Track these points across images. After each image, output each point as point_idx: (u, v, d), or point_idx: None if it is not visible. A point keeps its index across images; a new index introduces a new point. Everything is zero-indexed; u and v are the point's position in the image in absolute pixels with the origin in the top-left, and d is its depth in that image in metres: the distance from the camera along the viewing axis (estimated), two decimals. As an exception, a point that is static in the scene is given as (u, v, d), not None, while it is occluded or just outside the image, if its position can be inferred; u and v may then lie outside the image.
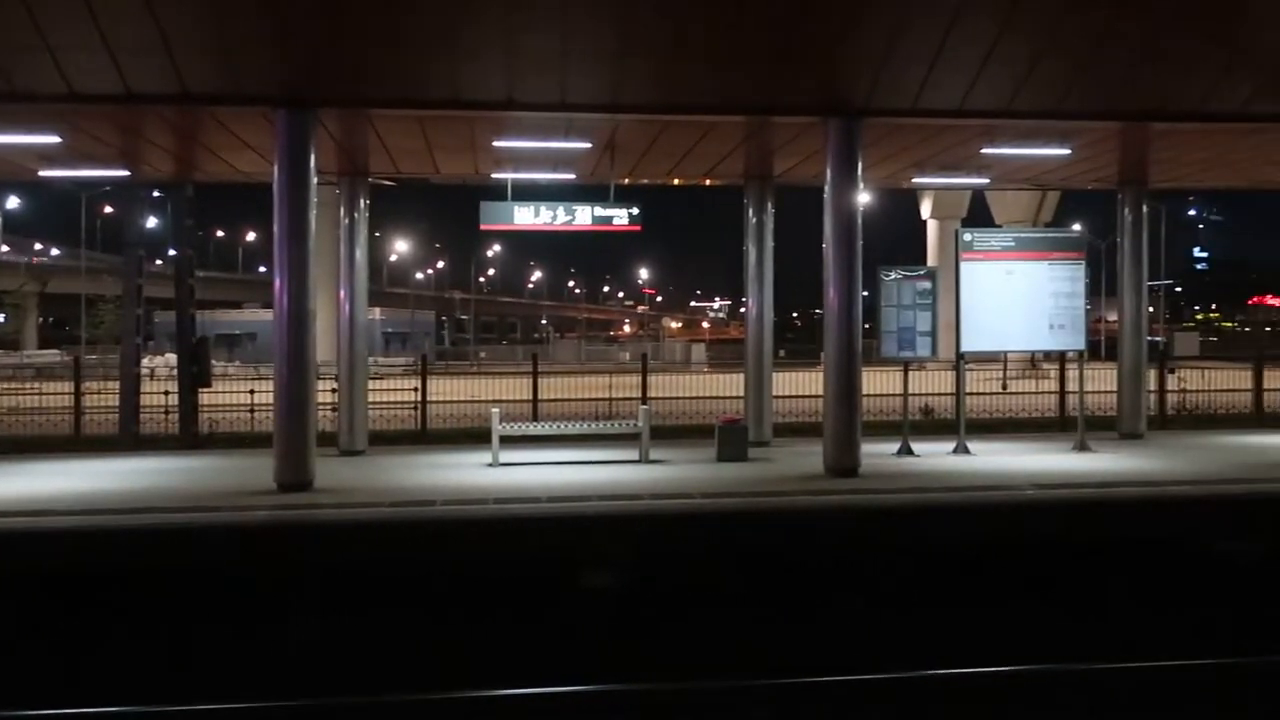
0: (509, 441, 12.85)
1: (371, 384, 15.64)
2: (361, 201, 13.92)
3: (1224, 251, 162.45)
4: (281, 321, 10.67)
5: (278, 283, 10.67)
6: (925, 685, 7.02)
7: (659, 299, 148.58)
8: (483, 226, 13.13)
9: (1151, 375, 17.12)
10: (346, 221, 13.82)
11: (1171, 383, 18.39)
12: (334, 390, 14.09)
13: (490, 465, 12.08)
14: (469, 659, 7.67)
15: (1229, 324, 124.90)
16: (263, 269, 75.71)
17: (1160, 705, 6.79)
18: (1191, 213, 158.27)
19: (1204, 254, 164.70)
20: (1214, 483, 10.51)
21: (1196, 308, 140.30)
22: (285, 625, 8.03)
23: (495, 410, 12.91)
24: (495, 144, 12.13)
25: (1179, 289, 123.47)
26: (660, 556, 8.99)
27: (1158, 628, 8.49)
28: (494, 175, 14.05)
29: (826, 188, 11.47)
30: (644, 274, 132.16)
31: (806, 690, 6.89)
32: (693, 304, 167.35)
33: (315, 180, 10.78)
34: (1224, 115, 11.51)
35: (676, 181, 15.53)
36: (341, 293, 13.74)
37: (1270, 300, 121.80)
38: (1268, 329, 76.12)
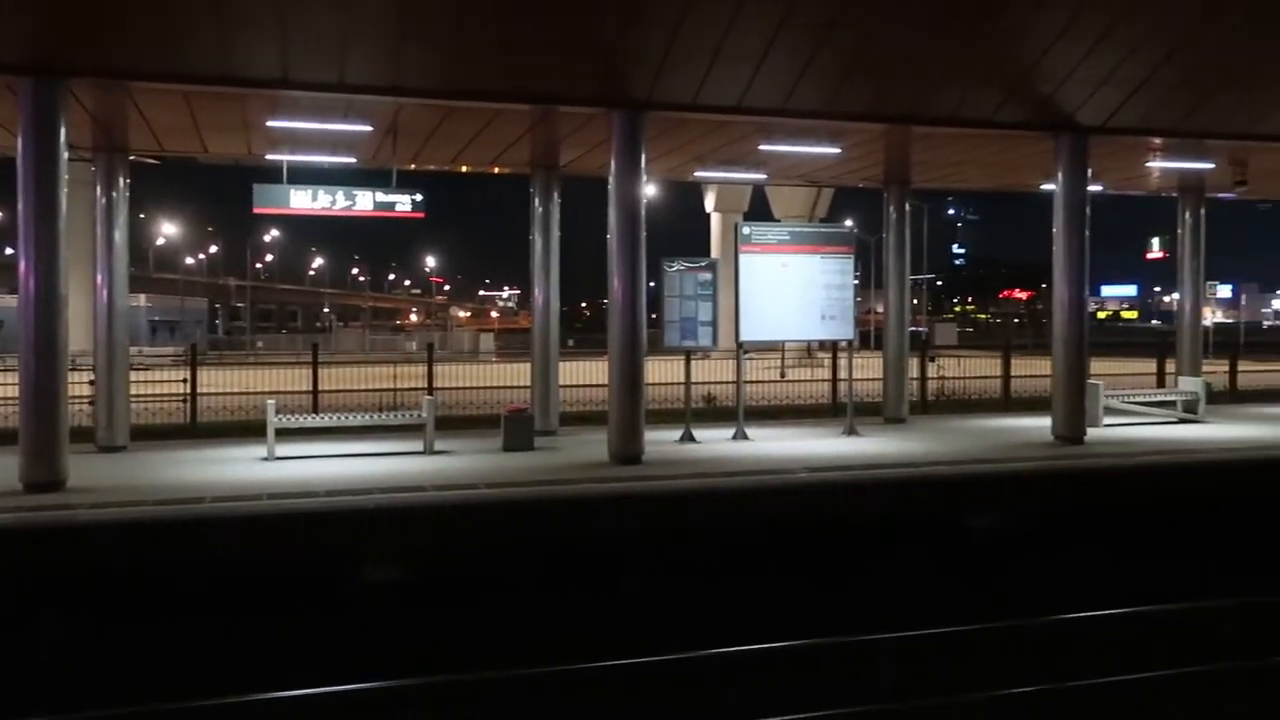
0: (286, 435, 12.35)
1: (136, 375, 14.67)
2: (121, 180, 13.01)
3: (979, 248, 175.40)
4: (28, 307, 9.85)
5: (23, 265, 9.85)
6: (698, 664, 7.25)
7: (447, 288, 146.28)
8: (256, 210, 12.57)
9: (914, 363, 18.25)
10: (104, 201, 12.88)
11: (932, 370, 19.66)
12: (91, 382, 13.13)
13: (265, 459, 11.58)
14: (223, 666, 7.33)
15: (983, 315, 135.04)
16: (10, 251, 69.60)
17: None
18: (951, 212, 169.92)
19: (961, 250, 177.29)
20: (966, 462, 11.32)
21: (955, 300, 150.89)
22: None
23: (270, 402, 12.38)
24: (269, 124, 11.61)
25: (940, 283, 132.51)
26: (442, 547, 8.88)
27: (899, 598, 9.09)
28: (269, 156, 13.45)
29: (611, 179, 11.60)
30: (431, 262, 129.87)
31: (580, 675, 7.00)
32: (482, 293, 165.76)
33: (66, 156, 10.00)
34: (976, 121, 12.41)
35: (464, 168, 15.33)
36: (99, 277, 12.81)
37: (1018, 294, 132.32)
38: (1015, 320, 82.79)
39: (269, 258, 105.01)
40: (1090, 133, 12.80)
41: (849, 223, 32.02)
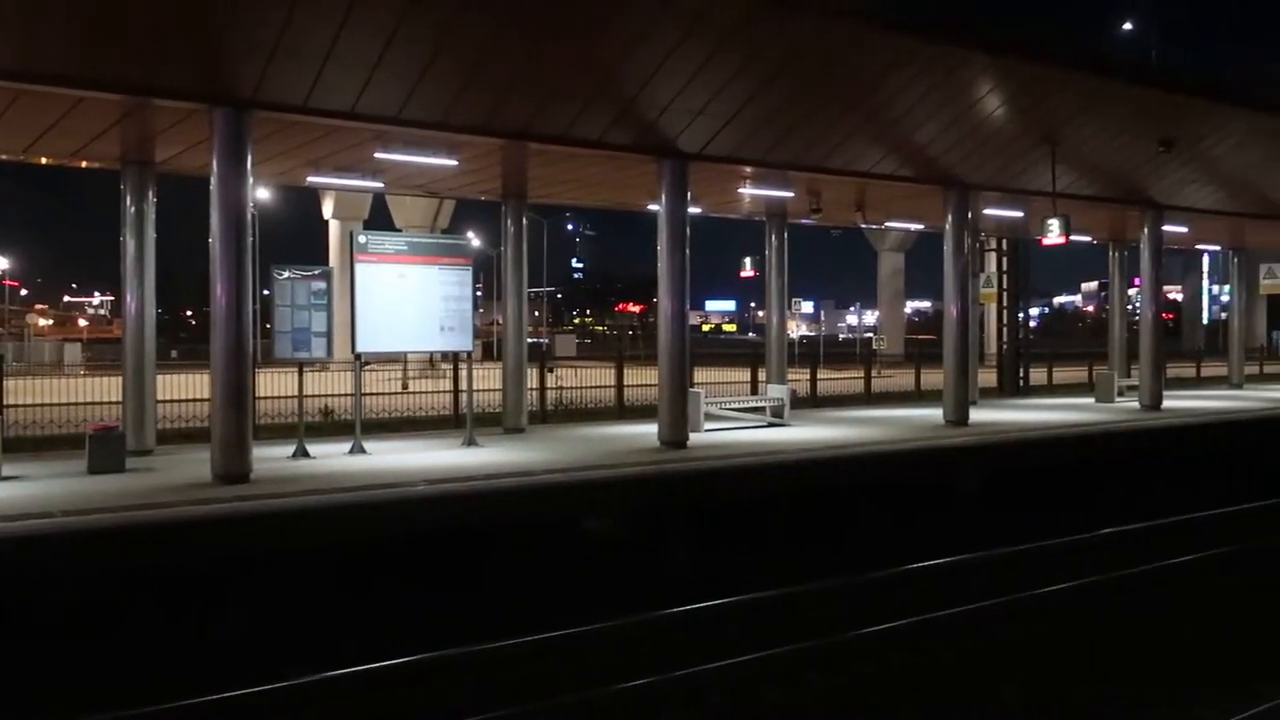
0: None
1: None
2: None
3: (597, 263, 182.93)
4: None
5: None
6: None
7: (23, 292, 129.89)
8: None
9: (533, 374, 18.70)
10: None
11: (550, 381, 20.24)
12: None
13: None
14: None
15: (601, 327, 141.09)
16: None
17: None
18: (570, 227, 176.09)
19: (580, 264, 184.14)
20: (581, 469, 11.73)
21: (574, 312, 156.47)
22: None
23: None
24: None
25: (559, 295, 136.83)
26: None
27: (520, 602, 9.31)
28: None
29: (213, 180, 10.87)
30: (2, 263, 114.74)
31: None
32: (68, 299, 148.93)
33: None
34: (587, 141, 12.95)
35: (44, 160, 13.70)
36: None
37: (632, 307, 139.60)
38: (630, 332, 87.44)
39: None
40: (690, 159, 13.77)
41: (470, 235, 32.28)
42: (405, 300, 13.46)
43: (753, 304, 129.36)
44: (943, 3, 13.92)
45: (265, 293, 11.68)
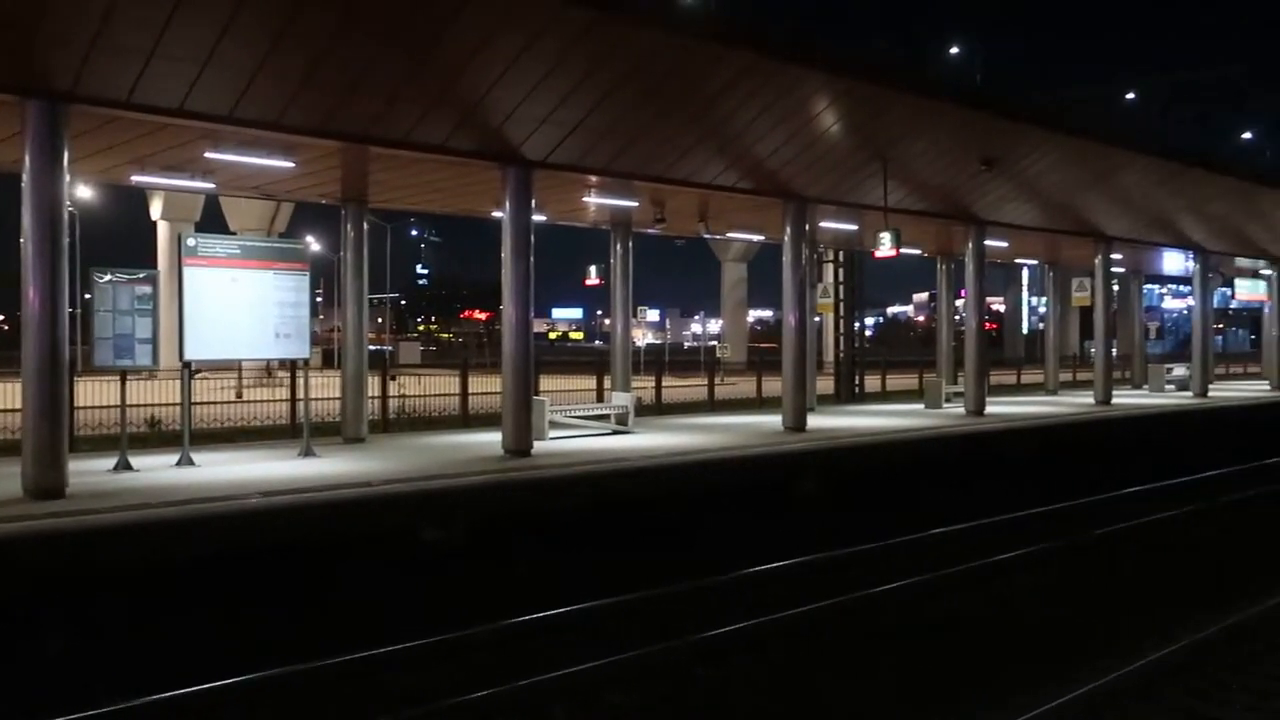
0: None
1: None
2: None
3: (442, 269, 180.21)
4: None
5: None
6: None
7: None
8: None
9: (375, 382, 18.30)
10: None
11: (393, 389, 19.84)
12: None
13: None
14: None
15: (446, 335, 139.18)
16: None
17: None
18: (414, 232, 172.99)
19: (425, 270, 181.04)
20: (423, 479, 11.54)
21: (420, 319, 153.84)
22: None
23: None
24: None
25: (404, 302, 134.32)
26: None
27: (357, 617, 9.11)
28: None
29: (25, 177, 10.24)
30: None
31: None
32: None
33: None
34: (429, 147, 12.77)
35: None
36: None
37: (478, 314, 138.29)
38: (476, 339, 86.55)
39: None
40: (534, 166, 13.75)
41: (310, 239, 31.33)
42: (238, 306, 12.97)
43: (599, 312, 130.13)
44: (784, 20, 14.37)
45: (87, 296, 11.06)
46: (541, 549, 11.23)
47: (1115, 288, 31.54)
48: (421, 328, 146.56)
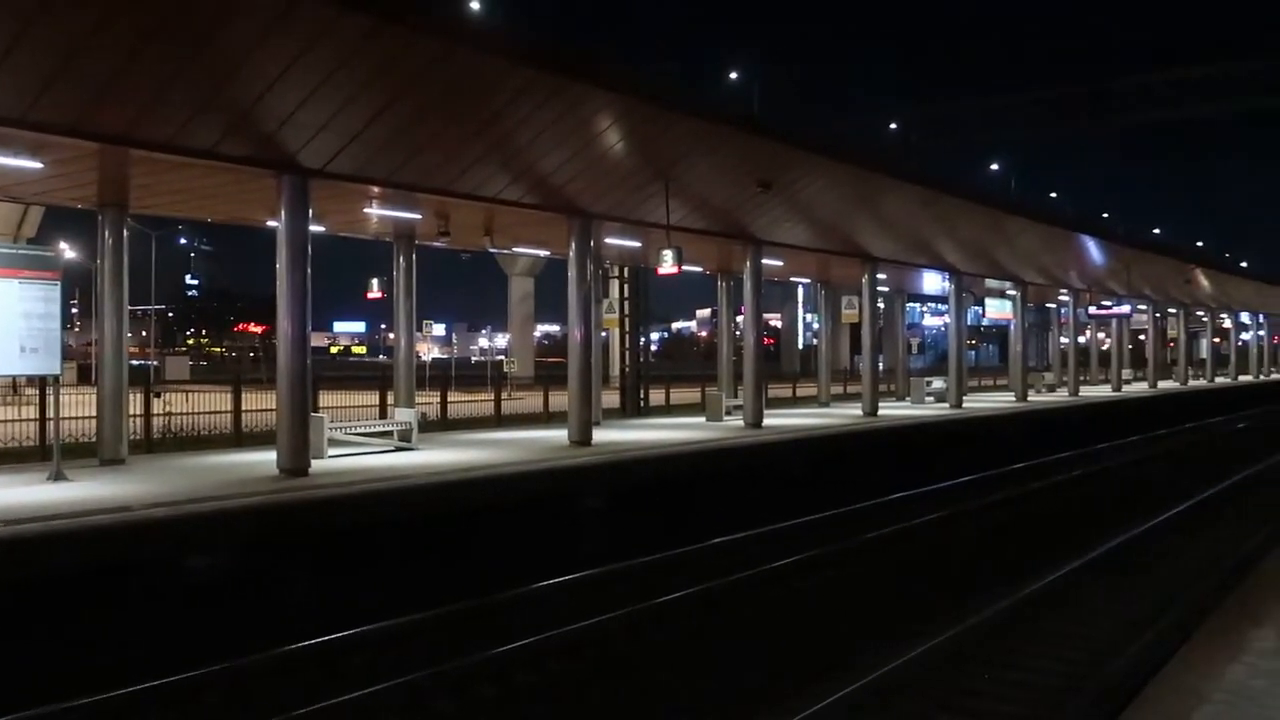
0: None
1: None
2: None
3: (215, 280, 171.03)
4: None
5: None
6: None
7: None
8: None
9: (138, 399, 17.16)
10: None
11: (158, 406, 18.66)
12: None
13: None
14: None
15: (218, 349, 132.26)
16: None
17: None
18: (183, 241, 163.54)
19: (195, 281, 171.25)
20: (187, 502, 10.87)
21: (190, 333, 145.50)
22: None
23: None
24: None
25: (171, 314, 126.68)
26: None
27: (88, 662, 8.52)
28: None
29: None
30: None
31: None
32: None
33: None
34: (197, 151, 12.11)
35: None
36: None
37: (253, 327, 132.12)
38: (251, 354, 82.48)
39: None
40: (311, 175, 13.28)
41: (63, 245, 29.03)
42: (-22, 317, 11.87)
43: (383, 326, 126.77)
44: (574, 39, 14.50)
45: None
46: (313, 573, 10.83)
47: (881, 306, 33.54)
48: (191, 341, 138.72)
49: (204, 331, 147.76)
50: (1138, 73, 52.00)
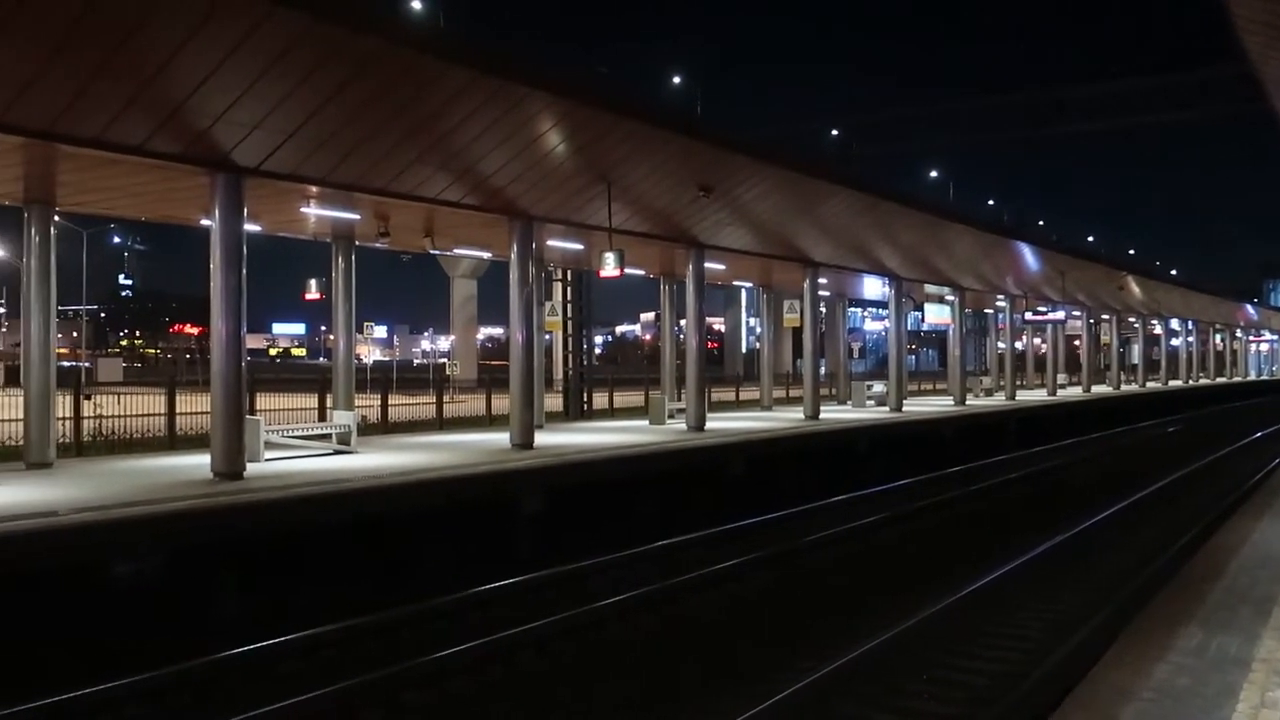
0: None
1: None
2: None
3: (149, 280, 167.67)
4: None
5: None
6: None
7: None
8: None
9: (67, 401, 16.75)
10: None
11: (88, 408, 18.23)
12: None
13: None
14: None
15: (153, 350, 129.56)
16: None
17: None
18: (116, 240, 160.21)
19: (129, 281, 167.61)
20: (116, 506, 10.61)
21: (123, 334, 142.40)
22: None
23: None
24: None
25: (104, 315, 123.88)
26: None
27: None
28: None
29: None
30: None
31: None
32: None
33: None
34: (126, 147, 11.83)
35: None
36: None
37: (189, 329, 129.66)
38: (187, 355, 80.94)
39: None
40: (246, 173, 13.03)
41: (-10, 244, 28.31)
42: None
43: (324, 327, 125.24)
44: (521, 39, 14.41)
45: None
46: (243, 579, 10.63)
47: (823, 310, 33.81)
48: (125, 342, 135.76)
49: (138, 333, 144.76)
50: (1076, 82, 53.61)
